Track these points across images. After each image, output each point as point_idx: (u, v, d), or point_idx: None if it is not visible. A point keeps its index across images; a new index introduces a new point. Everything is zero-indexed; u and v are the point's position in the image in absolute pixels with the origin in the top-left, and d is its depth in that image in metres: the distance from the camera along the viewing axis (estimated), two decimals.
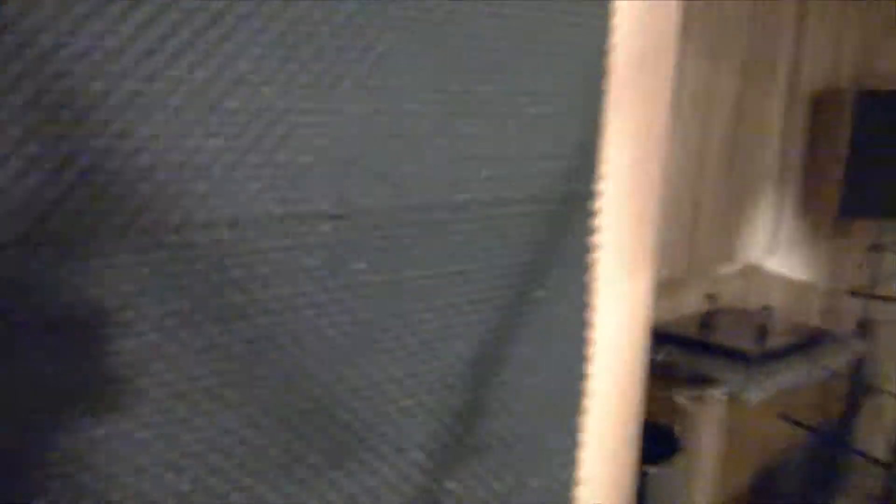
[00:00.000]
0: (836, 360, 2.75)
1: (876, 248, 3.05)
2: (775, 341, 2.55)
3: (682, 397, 2.23)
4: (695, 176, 2.58)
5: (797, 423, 2.65)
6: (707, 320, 2.61)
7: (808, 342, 2.66)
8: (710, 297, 2.69)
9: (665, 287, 2.55)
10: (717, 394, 2.27)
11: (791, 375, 2.49)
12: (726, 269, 2.83)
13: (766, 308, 2.72)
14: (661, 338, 2.44)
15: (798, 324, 2.90)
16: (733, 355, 2.42)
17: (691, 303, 2.69)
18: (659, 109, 1.43)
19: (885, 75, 3.19)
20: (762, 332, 2.58)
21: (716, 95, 2.58)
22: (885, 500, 2.99)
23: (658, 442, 2.15)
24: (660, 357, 2.34)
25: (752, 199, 2.86)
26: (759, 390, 2.34)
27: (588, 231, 1.25)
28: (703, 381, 2.31)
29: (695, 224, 2.59)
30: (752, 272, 2.98)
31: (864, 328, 3.21)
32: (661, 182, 1.47)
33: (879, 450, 3.07)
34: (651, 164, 1.44)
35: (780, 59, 2.84)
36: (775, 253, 3.02)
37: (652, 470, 2.01)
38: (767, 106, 2.84)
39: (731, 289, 2.89)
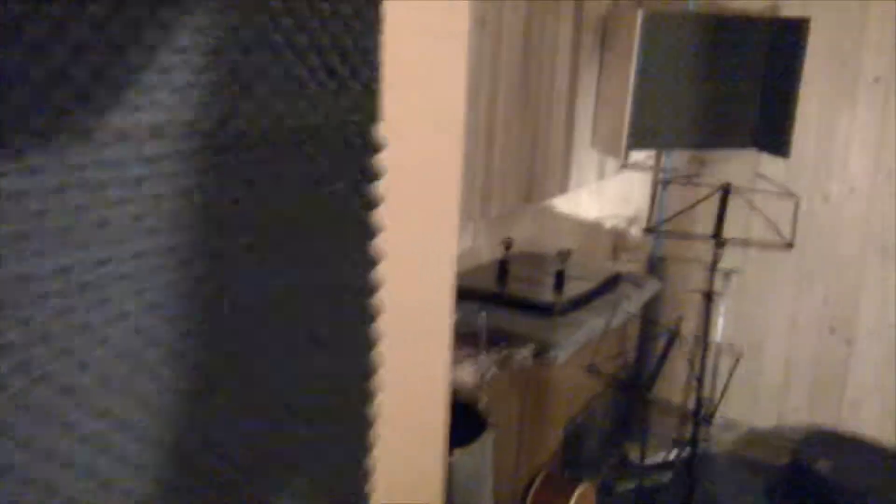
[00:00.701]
0: (635, 303, 2.57)
1: (665, 182, 2.90)
2: (576, 289, 2.31)
3: (483, 362, 1.91)
4: (487, 111, 2.24)
5: (602, 375, 2.44)
6: (502, 270, 2.31)
7: (607, 286, 2.45)
8: (506, 244, 2.39)
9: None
10: (523, 354, 1.98)
11: (595, 324, 2.26)
12: (522, 211, 2.54)
13: (562, 252, 2.47)
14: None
15: (595, 267, 2.69)
16: (535, 308, 2.14)
17: (483, 250, 2.38)
18: (457, 31, 1.08)
19: None
20: (562, 280, 2.32)
21: (503, 25, 2.25)
22: (688, 443, 2.89)
23: (459, 417, 1.83)
24: (455, 317, 2.00)
25: (545, 134, 2.58)
26: (567, 345, 2.07)
27: (367, 178, 0.84)
28: (505, 340, 2.00)
29: (488, 163, 2.27)
30: (544, 213, 2.72)
31: (656, 266, 3.09)
32: (463, 119, 1.11)
33: (679, 391, 2.97)
34: (453, 99, 1.08)
35: None
36: (567, 191, 2.78)
37: (456, 455, 1.67)
38: (556, 33, 2.55)
39: (523, 232, 2.61)
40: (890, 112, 3.16)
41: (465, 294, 2.13)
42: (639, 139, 2.74)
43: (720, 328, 3.07)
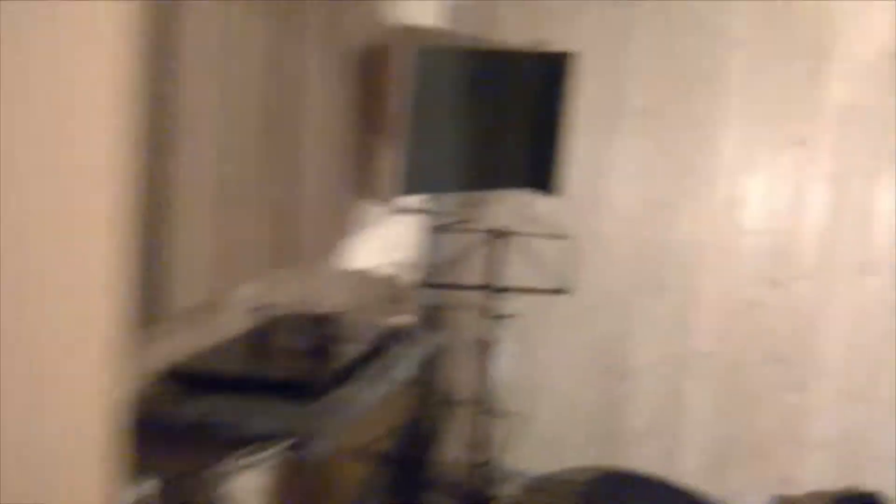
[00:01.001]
0: (410, 362, 2.33)
1: (438, 228, 2.69)
2: (343, 357, 2.03)
3: (225, 471, 1.56)
4: (224, 160, 1.91)
5: (376, 455, 2.17)
6: (257, 345, 1.98)
7: (379, 348, 2.19)
8: (260, 312, 2.06)
9: (193, 313, 1.86)
10: (278, 452, 1.65)
11: (366, 398, 1.98)
12: (277, 273, 2.22)
13: (327, 315, 2.19)
14: (193, 384, 1.76)
15: (366, 325, 2.41)
16: (294, 389, 1.82)
17: (235, 324, 2.03)
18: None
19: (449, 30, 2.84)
20: (326, 348, 2.03)
21: (236, 63, 1.92)
22: (474, 501, 2.69)
23: None
24: (190, 415, 1.65)
25: (301, 185, 2.28)
26: (333, 431, 1.78)
27: None
28: (256, 437, 1.67)
29: (228, 227, 1.92)
30: (310, 270, 2.42)
31: (432, 317, 2.88)
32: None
33: (461, 448, 2.77)
34: (103, 165, 0.81)
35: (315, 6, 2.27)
36: (333, 244, 2.49)
37: None
38: (307, 69, 2.26)
39: (287, 293, 2.29)
40: (656, 143, 3.17)
41: (205, 381, 1.78)
42: (411, 184, 2.52)
43: (500, 376, 2.91)
